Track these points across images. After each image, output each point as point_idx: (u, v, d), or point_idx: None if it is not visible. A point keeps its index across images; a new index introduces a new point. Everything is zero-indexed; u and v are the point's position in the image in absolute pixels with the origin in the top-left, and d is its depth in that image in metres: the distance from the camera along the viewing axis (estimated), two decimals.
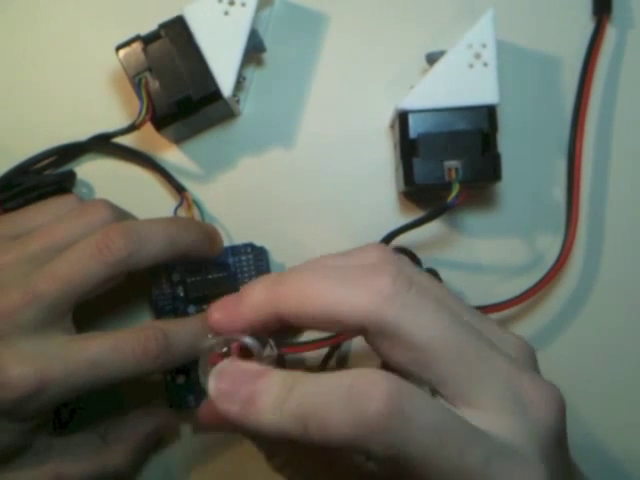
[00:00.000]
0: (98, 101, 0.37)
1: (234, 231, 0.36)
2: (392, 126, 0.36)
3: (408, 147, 0.32)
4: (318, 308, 0.22)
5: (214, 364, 0.23)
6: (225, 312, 0.24)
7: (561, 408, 0.22)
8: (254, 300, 0.23)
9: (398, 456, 0.19)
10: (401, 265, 0.24)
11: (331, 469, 0.25)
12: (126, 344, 0.28)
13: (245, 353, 0.23)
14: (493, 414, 0.21)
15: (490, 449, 0.20)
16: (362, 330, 0.22)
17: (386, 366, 0.23)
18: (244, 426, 0.21)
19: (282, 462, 0.25)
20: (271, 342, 0.24)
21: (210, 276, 0.34)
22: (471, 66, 0.32)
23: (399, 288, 0.21)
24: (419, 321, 0.21)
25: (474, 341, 0.22)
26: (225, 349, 0.23)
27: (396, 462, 0.19)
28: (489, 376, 0.21)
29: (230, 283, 0.34)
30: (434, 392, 0.22)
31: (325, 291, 0.22)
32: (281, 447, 0.25)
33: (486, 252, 0.36)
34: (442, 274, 0.34)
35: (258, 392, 0.21)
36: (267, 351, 0.24)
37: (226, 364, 0.22)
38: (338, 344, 0.34)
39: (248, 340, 0.23)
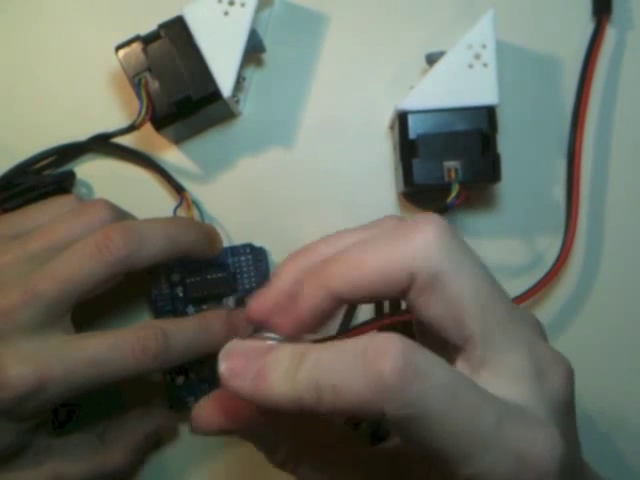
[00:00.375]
0: (98, 101, 0.37)
1: (233, 231, 0.36)
2: (392, 127, 0.36)
3: (408, 147, 0.32)
4: (372, 270, 0.22)
5: None
6: (279, 314, 0.23)
7: (572, 379, 0.23)
8: (309, 295, 0.22)
9: (413, 415, 0.19)
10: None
11: (335, 459, 0.25)
12: (125, 343, 0.28)
13: None
14: (511, 379, 0.21)
15: (503, 410, 0.20)
16: (409, 284, 0.22)
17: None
18: (257, 401, 0.21)
19: (283, 458, 0.25)
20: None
21: (209, 276, 0.34)
22: (471, 66, 0.32)
23: (445, 237, 0.22)
24: (459, 273, 0.21)
25: (506, 302, 0.22)
26: None
27: (410, 423, 0.19)
28: (515, 340, 0.22)
29: (229, 283, 0.34)
30: (455, 355, 0.22)
31: (375, 253, 0.22)
32: (281, 444, 0.25)
33: (486, 252, 0.35)
34: None
35: (268, 365, 0.21)
36: None
37: (234, 344, 0.22)
38: None
39: (272, 336, 0.23)
